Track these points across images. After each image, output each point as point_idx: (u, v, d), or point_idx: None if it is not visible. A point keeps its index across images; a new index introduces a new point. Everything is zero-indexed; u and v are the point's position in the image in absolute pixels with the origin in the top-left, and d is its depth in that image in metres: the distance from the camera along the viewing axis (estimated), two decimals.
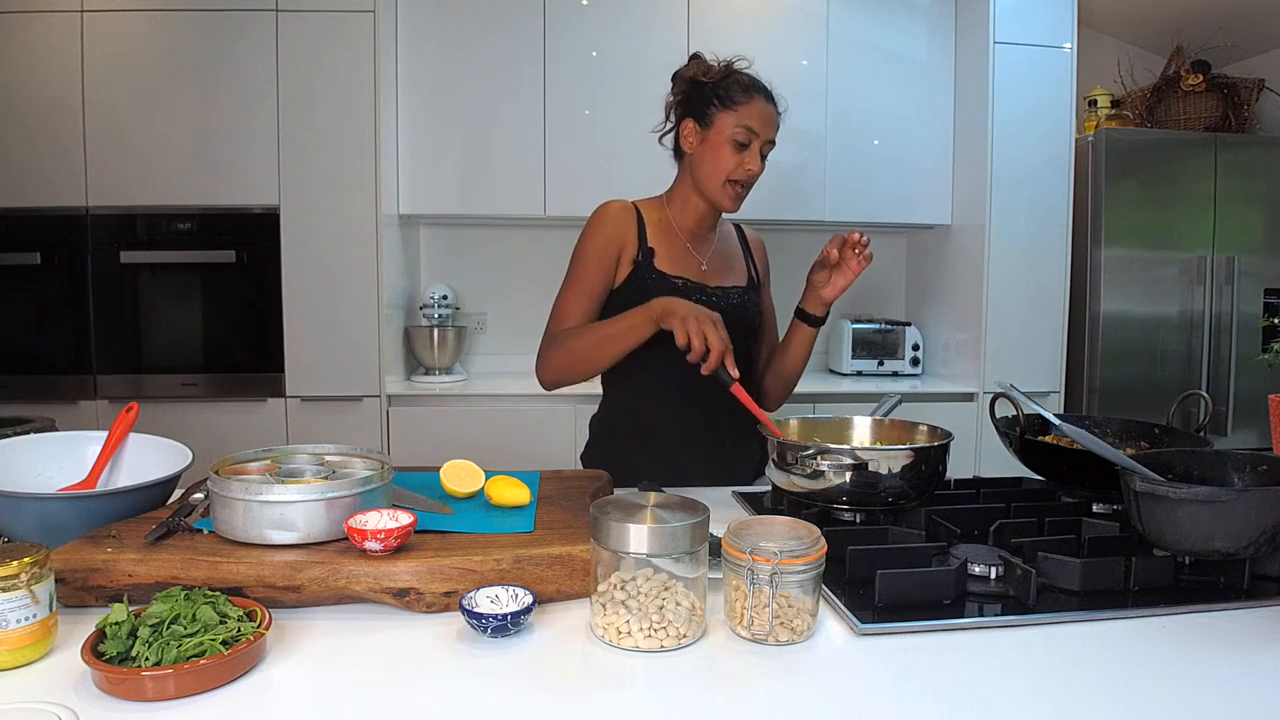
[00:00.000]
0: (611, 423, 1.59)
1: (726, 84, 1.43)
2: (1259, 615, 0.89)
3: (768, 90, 1.45)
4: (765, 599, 0.80)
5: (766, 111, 1.42)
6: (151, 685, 0.68)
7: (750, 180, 1.45)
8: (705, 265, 1.52)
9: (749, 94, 1.41)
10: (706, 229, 1.55)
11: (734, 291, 1.54)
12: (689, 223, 1.52)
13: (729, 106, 1.41)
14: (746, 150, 1.42)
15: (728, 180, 1.43)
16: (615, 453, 1.51)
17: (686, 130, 1.47)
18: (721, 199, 1.46)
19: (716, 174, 1.43)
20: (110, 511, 0.98)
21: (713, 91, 1.43)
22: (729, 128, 1.41)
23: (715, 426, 1.49)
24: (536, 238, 3.29)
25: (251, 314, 2.73)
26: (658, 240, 1.49)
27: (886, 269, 3.54)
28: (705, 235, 1.55)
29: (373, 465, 1.05)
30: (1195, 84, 3.07)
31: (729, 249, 1.59)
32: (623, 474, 1.33)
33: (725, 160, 1.42)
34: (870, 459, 1.09)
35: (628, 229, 1.47)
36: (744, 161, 1.42)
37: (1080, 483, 1.21)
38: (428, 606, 0.87)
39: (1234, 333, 2.98)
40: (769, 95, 1.44)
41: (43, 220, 2.64)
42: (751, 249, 1.64)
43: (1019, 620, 0.87)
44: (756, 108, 1.41)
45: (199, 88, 2.64)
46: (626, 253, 1.46)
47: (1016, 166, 2.93)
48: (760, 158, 1.44)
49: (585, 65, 2.95)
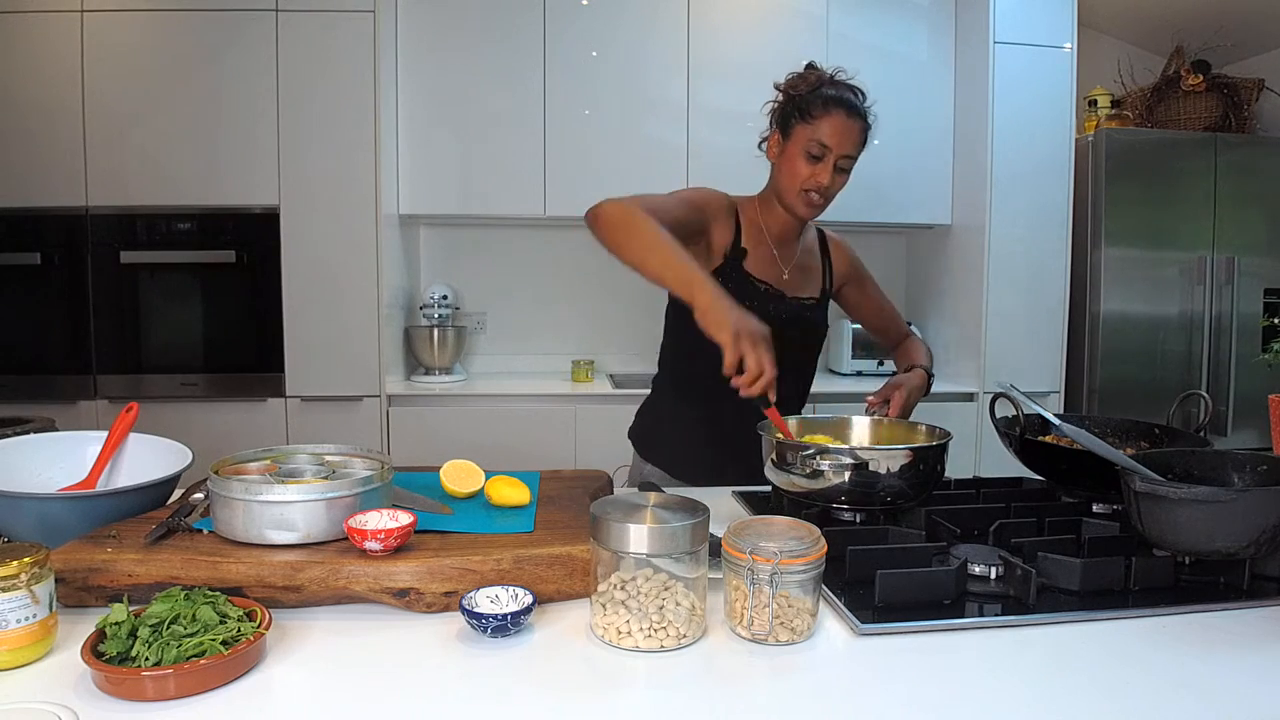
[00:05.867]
0: (665, 408, 1.65)
1: (810, 98, 1.45)
2: (1259, 615, 0.89)
3: (851, 104, 1.45)
4: (765, 599, 0.80)
5: (844, 125, 1.43)
6: (151, 685, 0.68)
7: (822, 189, 1.46)
8: (787, 274, 1.57)
9: (827, 108, 1.43)
10: (792, 236, 1.59)
11: (807, 304, 1.58)
12: (776, 228, 1.56)
13: (806, 120, 1.44)
14: (819, 163, 1.44)
15: (802, 190, 1.47)
16: (667, 435, 1.61)
17: (772, 140, 1.52)
18: (797, 207, 1.49)
19: (791, 184, 1.48)
20: (110, 511, 0.98)
21: (796, 105, 1.47)
22: (804, 141, 1.44)
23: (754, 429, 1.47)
24: (536, 238, 3.29)
25: (251, 314, 2.73)
26: (749, 241, 1.54)
27: (886, 269, 3.54)
28: (790, 242, 1.59)
29: (373, 465, 1.05)
30: (1195, 84, 3.07)
31: (810, 260, 1.63)
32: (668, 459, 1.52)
33: (799, 171, 1.46)
34: (870, 459, 1.09)
35: (727, 218, 1.52)
36: (815, 174, 1.45)
37: (1080, 483, 1.21)
38: (428, 606, 0.87)
39: (1234, 333, 2.97)
40: (851, 108, 1.44)
41: (43, 220, 2.63)
42: (831, 256, 1.66)
43: (1019, 620, 0.87)
44: (832, 122, 1.43)
45: (199, 88, 2.64)
46: (719, 239, 1.51)
47: (1016, 166, 2.93)
48: (836, 170, 1.45)
49: (585, 65, 2.95)
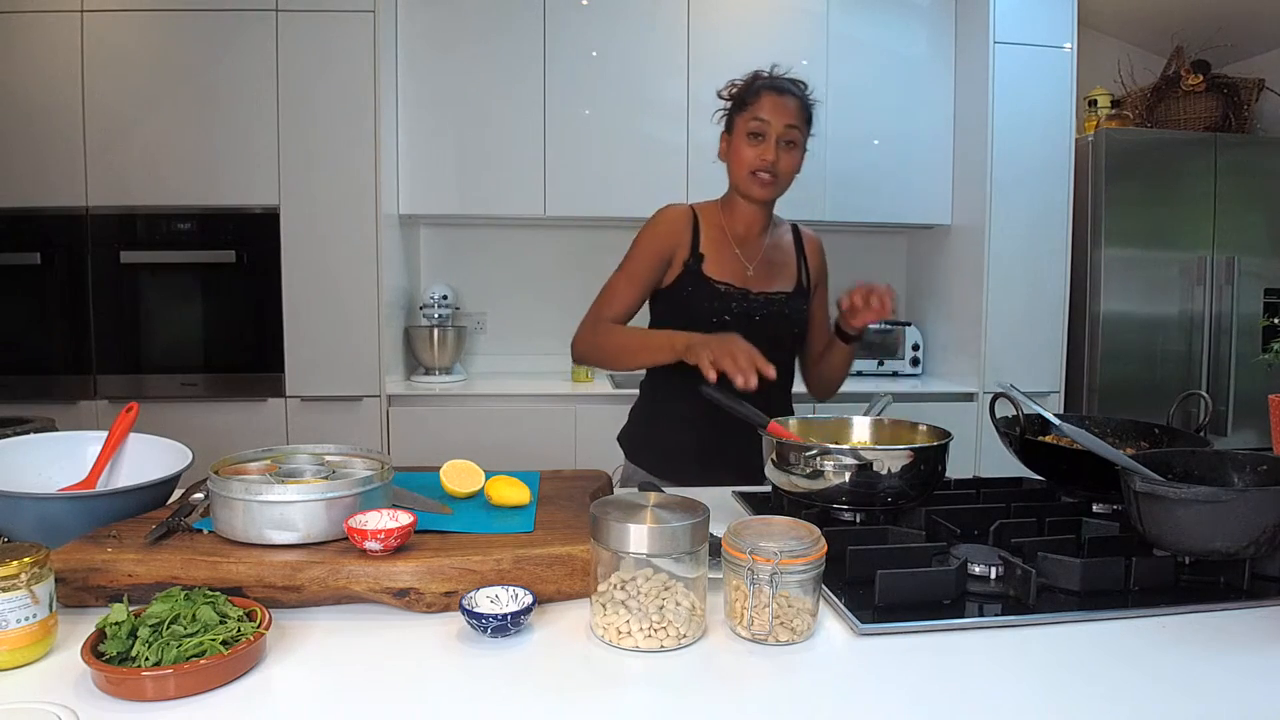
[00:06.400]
0: (651, 409, 1.67)
1: (745, 91, 1.53)
2: (1259, 615, 0.89)
3: (783, 84, 1.51)
4: (765, 599, 0.80)
5: (778, 101, 1.49)
6: (151, 685, 0.68)
7: (770, 167, 1.49)
8: (751, 271, 1.59)
9: (760, 93, 1.50)
10: (755, 232, 1.61)
11: (778, 297, 1.59)
12: (739, 227, 1.60)
13: (743, 109, 1.52)
14: (763, 141, 1.49)
15: (750, 172, 1.51)
16: (654, 436, 1.64)
17: (721, 142, 1.59)
18: (751, 190, 1.53)
19: (741, 170, 1.52)
20: (110, 511, 0.98)
21: (735, 101, 1.54)
22: (745, 126, 1.51)
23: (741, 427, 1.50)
24: (536, 238, 3.29)
25: (251, 314, 2.73)
26: (709, 246, 1.57)
27: (886, 269, 3.54)
28: (754, 239, 1.61)
29: (373, 465, 1.05)
30: (1195, 84, 3.07)
31: (779, 254, 1.64)
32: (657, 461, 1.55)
33: (745, 155, 1.51)
34: (871, 459, 1.09)
35: (683, 233, 1.57)
36: (761, 153, 1.49)
37: (1080, 483, 1.21)
38: (428, 606, 0.87)
39: (1234, 333, 2.97)
40: (783, 88, 1.51)
41: (43, 220, 2.63)
42: (806, 251, 1.67)
43: (1019, 620, 0.87)
44: (766, 100, 1.49)
45: (199, 88, 2.64)
46: (679, 255, 1.56)
47: (1016, 166, 2.93)
48: (783, 146, 1.49)
49: (585, 65, 2.95)
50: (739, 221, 1.59)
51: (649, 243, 1.57)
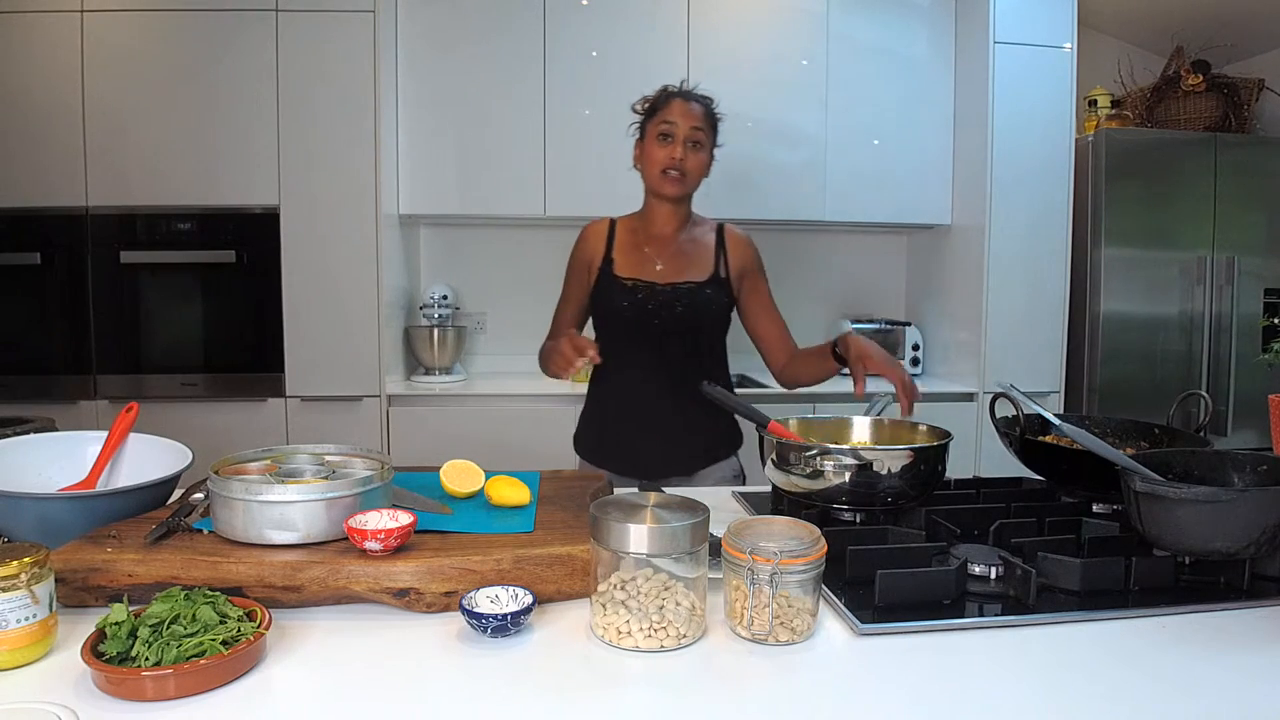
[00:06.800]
0: (597, 407, 1.78)
1: (654, 101, 1.65)
2: (1259, 615, 0.89)
3: (688, 93, 1.64)
4: (765, 599, 0.80)
5: (684, 107, 1.61)
6: (151, 685, 0.68)
7: (678, 165, 1.59)
8: (660, 265, 1.67)
9: (668, 99, 1.63)
10: (670, 231, 1.69)
11: (686, 287, 1.65)
12: (654, 227, 1.69)
13: (652, 116, 1.64)
14: (671, 141, 1.60)
15: (660, 170, 1.61)
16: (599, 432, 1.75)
17: (635, 149, 1.69)
18: (662, 188, 1.62)
19: (652, 170, 1.62)
20: (110, 511, 0.98)
21: (646, 111, 1.66)
22: (654, 130, 1.62)
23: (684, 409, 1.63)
24: (536, 238, 3.29)
25: (251, 314, 2.73)
26: (620, 249, 1.69)
27: (886, 269, 3.54)
28: (668, 238, 1.69)
29: (373, 465, 1.05)
30: (1195, 84, 3.07)
31: (694, 249, 1.70)
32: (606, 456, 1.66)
33: (655, 156, 1.61)
34: (871, 459, 1.09)
35: (597, 244, 1.70)
36: (669, 152, 1.60)
37: (1080, 483, 1.21)
38: (428, 606, 0.87)
39: (1234, 333, 2.97)
40: (687, 96, 1.63)
41: (43, 220, 2.63)
42: (727, 246, 1.72)
43: (1019, 620, 0.87)
44: (673, 106, 1.61)
45: (199, 88, 2.64)
46: (595, 263, 1.69)
47: (1016, 166, 2.93)
48: (687, 145, 1.59)
49: (585, 65, 2.95)
50: (654, 222, 1.69)
51: (572, 260, 1.73)
